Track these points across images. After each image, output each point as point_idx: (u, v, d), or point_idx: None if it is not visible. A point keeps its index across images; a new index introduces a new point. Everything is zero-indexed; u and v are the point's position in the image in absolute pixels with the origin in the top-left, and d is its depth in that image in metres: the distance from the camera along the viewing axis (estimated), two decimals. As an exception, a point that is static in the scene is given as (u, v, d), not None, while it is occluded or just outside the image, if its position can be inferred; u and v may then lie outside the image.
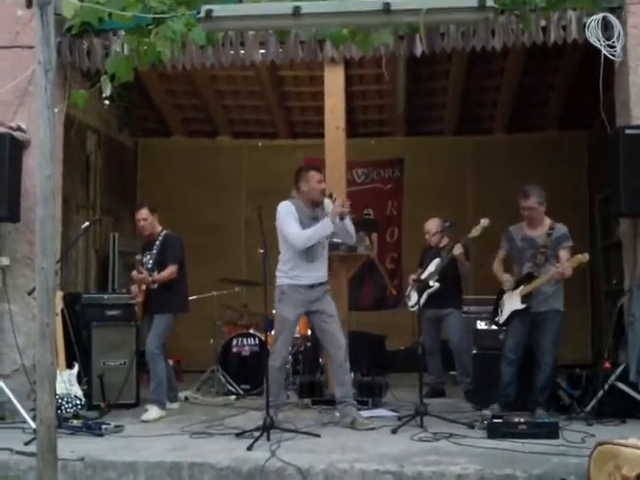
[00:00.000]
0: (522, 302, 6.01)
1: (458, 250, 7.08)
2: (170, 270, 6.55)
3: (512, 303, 6.10)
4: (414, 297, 7.26)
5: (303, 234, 5.84)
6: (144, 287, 6.53)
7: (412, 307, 7.37)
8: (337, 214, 5.79)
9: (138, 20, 4.05)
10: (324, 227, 5.85)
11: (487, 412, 5.88)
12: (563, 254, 5.99)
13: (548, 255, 6.01)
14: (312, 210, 5.96)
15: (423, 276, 7.17)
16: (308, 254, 5.88)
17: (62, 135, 6.75)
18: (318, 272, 5.95)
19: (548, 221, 6.16)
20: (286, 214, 5.90)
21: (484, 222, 6.73)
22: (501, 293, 6.26)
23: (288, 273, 5.89)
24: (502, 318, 6.20)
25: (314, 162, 10.08)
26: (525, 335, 6.09)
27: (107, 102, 8.77)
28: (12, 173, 6.28)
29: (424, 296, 7.13)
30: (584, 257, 5.80)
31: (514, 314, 6.09)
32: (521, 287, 6.05)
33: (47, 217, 3.90)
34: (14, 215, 6.33)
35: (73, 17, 3.88)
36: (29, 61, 6.03)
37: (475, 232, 6.82)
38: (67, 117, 6.87)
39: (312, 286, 5.90)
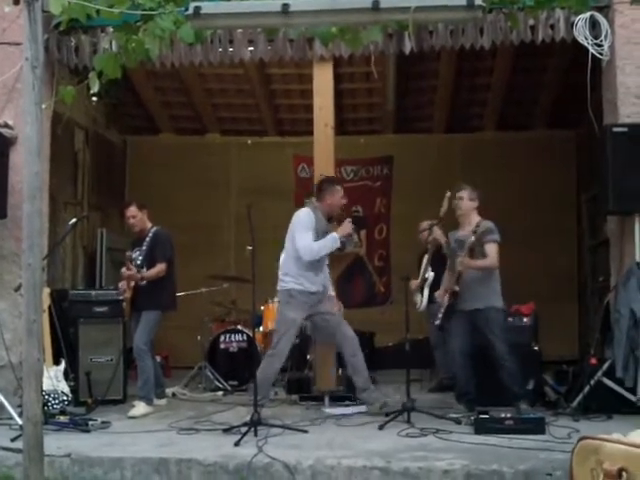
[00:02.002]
0: (449, 300, 6.11)
1: (436, 232, 7.09)
2: (159, 268, 6.54)
3: (443, 303, 6.21)
4: (418, 298, 7.30)
5: (313, 247, 5.98)
6: (132, 284, 6.53)
7: (419, 308, 7.35)
8: (343, 234, 6.05)
9: (126, 17, 4.03)
10: (332, 242, 6.03)
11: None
12: (488, 248, 6.04)
13: (476, 252, 6.05)
14: (326, 224, 6.13)
15: (420, 276, 7.24)
16: (316, 266, 6.08)
17: (49, 132, 6.73)
18: (322, 280, 6.17)
19: (476, 220, 6.20)
20: (304, 224, 6.03)
21: (447, 194, 6.70)
22: None
23: (297, 279, 6.04)
24: (438, 320, 6.27)
25: (303, 160, 10.20)
26: (468, 333, 6.12)
27: (95, 99, 8.74)
28: (-1, 169, 6.26)
29: (425, 292, 7.20)
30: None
31: (447, 313, 6.16)
32: (448, 285, 6.15)
33: (34, 213, 3.90)
34: (1, 211, 6.31)
35: (61, 14, 3.84)
36: (16, 58, 6.01)
37: (444, 208, 6.72)
38: (55, 114, 6.85)
39: (315, 293, 6.09)
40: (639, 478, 2.30)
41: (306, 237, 5.98)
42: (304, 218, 6.07)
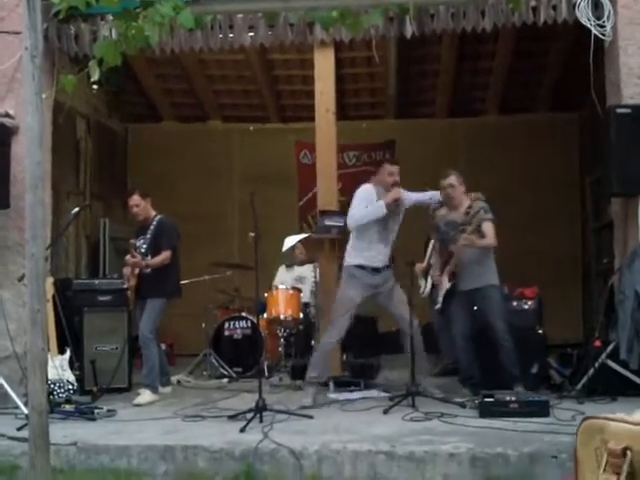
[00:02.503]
0: (449, 281, 6.14)
1: (439, 214, 7.02)
2: (164, 255, 6.54)
3: (443, 286, 6.22)
4: (422, 283, 7.24)
5: (354, 214, 6.16)
6: (137, 271, 6.53)
7: (423, 293, 7.27)
8: (389, 200, 6.09)
9: (125, 4, 4.01)
10: (377, 209, 6.11)
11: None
12: (486, 226, 6.06)
13: (471, 232, 6.03)
14: None
15: (425, 261, 7.18)
16: (383, 237, 6.22)
17: (51, 121, 6.72)
18: (387, 256, 6.27)
19: (467, 201, 6.23)
20: (356, 198, 6.23)
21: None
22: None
23: (363, 253, 6.18)
24: (439, 304, 6.28)
25: (305, 146, 10.17)
26: (468, 315, 6.16)
27: (96, 87, 8.71)
28: (0, 160, 6.25)
29: (429, 278, 7.13)
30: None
31: (447, 296, 6.18)
32: (447, 267, 6.14)
33: (37, 203, 3.89)
34: (3, 202, 6.30)
35: (60, 2, 3.81)
36: (16, 47, 5.99)
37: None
38: (56, 103, 6.83)
39: (379, 270, 6.19)
40: (644, 457, 2.30)
41: (356, 207, 6.19)
42: (358, 193, 6.29)
